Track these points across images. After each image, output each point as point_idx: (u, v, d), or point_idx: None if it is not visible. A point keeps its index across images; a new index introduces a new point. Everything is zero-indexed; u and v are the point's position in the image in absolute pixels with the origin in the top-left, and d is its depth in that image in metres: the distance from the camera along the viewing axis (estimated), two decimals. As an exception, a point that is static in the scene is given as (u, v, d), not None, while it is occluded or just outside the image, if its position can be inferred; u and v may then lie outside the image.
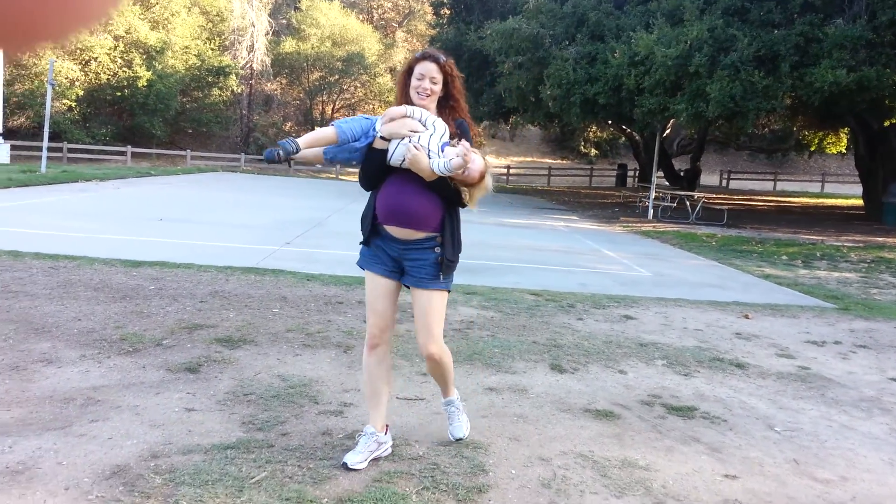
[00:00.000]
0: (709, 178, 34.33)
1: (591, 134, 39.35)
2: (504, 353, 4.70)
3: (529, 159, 40.97)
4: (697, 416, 3.83)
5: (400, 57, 41.29)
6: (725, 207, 19.06)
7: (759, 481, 3.07)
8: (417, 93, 2.85)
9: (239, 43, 36.39)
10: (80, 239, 8.11)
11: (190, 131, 35.64)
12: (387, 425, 3.01)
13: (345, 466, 2.78)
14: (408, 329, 5.14)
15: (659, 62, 15.67)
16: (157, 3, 33.98)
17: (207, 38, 35.64)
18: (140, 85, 30.65)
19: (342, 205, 15.95)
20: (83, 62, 30.93)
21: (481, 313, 5.86)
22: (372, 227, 2.89)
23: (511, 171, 35.91)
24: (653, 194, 19.40)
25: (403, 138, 2.74)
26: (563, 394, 4.01)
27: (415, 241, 2.80)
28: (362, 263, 2.95)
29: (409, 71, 2.91)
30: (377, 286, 2.90)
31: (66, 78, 29.28)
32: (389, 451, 2.98)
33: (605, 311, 6.37)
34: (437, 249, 2.80)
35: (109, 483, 2.61)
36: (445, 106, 2.92)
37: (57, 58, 24.95)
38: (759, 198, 29.25)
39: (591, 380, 4.31)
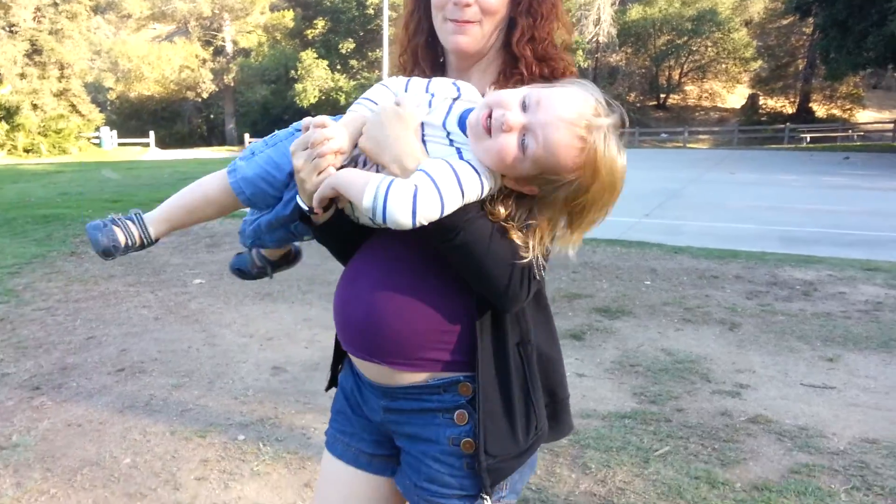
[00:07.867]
0: None
1: None
2: (932, 341, 3.94)
3: (926, 110, 33.83)
4: None
5: (759, 7, 37.41)
6: None
7: None
8: (449, 24, 1.14)
9: (585, 18, 36.74)
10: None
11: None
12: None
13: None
14: (800, 308, 4.64)
15: None
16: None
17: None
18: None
19: (696, 174, 15.15)
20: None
21: (890, 293, 5.00)
22: (338, 357, 1.32)
23: (901, 125, 30.03)
24: None
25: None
26: None
27: (403, 392, 1.14)
28: (327, 434, 1.33)
29: None
30: (330, 482, 1.28)
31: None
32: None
33: None
34: (462, 420, 1.09)
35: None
36: (508, 51, 1.20)
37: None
38: None
39: None
